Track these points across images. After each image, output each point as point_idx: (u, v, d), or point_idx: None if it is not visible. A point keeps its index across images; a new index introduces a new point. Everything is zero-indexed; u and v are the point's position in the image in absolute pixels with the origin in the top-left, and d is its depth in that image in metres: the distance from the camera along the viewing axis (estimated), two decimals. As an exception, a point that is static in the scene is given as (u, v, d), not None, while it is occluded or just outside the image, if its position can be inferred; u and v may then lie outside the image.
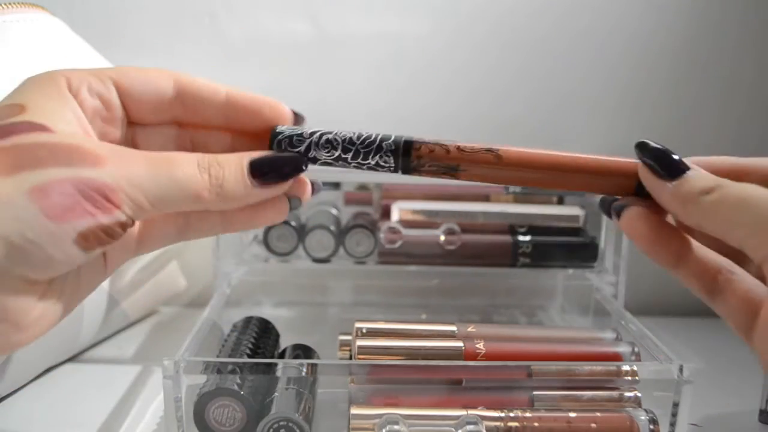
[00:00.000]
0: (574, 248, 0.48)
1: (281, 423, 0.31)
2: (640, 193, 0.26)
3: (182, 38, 0.55)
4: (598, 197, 0.29)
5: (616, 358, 0.34)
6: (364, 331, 0.35)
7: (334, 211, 0.50)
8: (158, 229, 0.28)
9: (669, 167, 0.24)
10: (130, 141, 0.29)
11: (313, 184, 0.30)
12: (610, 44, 0.57)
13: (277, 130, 0.28)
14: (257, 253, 0.49)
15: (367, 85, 0.57)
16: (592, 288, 0.47)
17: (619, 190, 0.27)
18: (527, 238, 0.48)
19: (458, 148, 0.28)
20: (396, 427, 0.30)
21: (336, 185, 0.50)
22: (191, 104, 0.28)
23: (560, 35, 0.57)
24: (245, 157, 0.26)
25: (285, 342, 0.41)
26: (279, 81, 0.56)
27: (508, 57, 0.57)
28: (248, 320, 0.41)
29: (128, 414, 0.36)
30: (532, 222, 0.48)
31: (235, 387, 0.32)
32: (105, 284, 0.43)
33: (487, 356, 0.34)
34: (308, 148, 0.28)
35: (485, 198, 0.49)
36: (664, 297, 0.54)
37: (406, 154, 0.28)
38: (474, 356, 0.34)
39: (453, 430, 0.31)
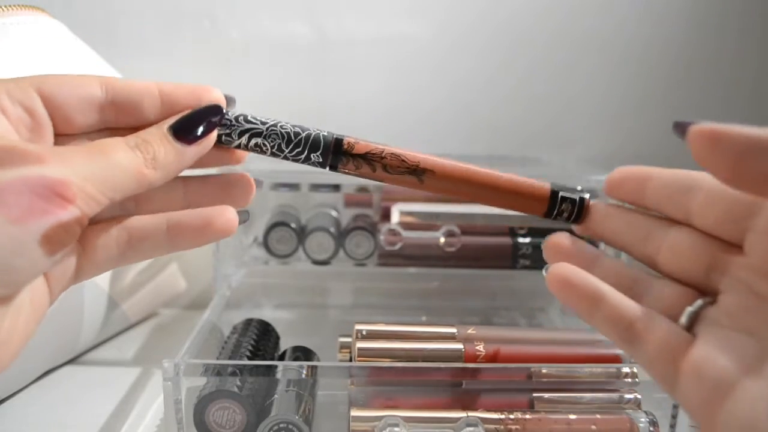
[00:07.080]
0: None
1: (281, 425, 0.31)
2: (548, 216, 0.27)
3: (181, 41, 0.55)
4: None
5: (616, 360, 0.34)
6: (364, 333, 0.35)
7: (334, 213, 0.50)
8: (99, 251, 0.27)
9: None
10: None
11: (239, 213, 0.28)
12: (611, 48, 0.57)
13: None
14: (257, 255, 0.49)
15: (368, 88, 0.57)
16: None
17: (531, 210, 0.27)
18: (527, 239, 0.48)
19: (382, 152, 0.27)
20: (396, 429, 0.30)
21: (336, 187, 0.50)
22: (124, 106, 0.26)
23: (562, 40, 0.57)
24: (164, 125, 0.26)
25: (285, 344, 0.41)
26: (278, 83, 0.56)
27: (510, 62, 0.57)
28: (248, 322, 0.41)
29: (128, 416, 0.36)
30: (531, 224, 0.48)
31: (235, 389, 0.32)
32: (105, 286, 0.43)
33: (487, 358, 0.34)
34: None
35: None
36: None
37: (336, 152, 0.27)
38: (474, 358, 0.34)
39: (453, 432, 0.31)
